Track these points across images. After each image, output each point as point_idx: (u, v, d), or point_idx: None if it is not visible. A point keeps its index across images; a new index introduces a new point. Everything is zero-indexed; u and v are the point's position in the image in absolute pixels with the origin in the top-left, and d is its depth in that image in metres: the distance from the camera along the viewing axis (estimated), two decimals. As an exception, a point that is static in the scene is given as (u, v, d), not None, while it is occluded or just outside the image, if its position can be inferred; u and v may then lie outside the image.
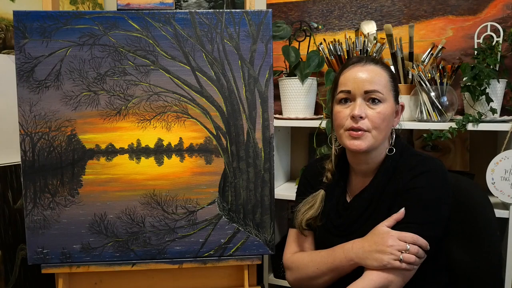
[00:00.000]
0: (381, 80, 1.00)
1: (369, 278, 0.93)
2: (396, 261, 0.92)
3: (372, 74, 1.00)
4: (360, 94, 0.99)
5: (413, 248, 0.93)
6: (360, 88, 0.99)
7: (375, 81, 0.99)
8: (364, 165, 1.06)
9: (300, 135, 1.97)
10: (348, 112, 1.00)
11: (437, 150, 1.72)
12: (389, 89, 1.02)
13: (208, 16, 1.26)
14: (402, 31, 1.73)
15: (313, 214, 1.08)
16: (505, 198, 1.36)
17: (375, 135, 0.99)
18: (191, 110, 1.28)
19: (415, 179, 0.98)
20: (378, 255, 0.94)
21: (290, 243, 1.16)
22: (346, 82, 1.02)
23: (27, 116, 1.24)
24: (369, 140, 0.99)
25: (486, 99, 1.43)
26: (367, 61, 1.03)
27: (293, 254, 1.14)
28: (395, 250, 0.93)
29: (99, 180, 1.28)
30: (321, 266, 1.04)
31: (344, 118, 1.01)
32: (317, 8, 1.89)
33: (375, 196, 1.02)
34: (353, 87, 1.00)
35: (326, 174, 1.12)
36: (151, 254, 1.30)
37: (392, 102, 1.02)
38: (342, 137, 1.02)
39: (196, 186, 1.30)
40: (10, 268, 1.62)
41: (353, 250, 0.98)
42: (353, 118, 0.99)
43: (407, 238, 0.93)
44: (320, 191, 1.11)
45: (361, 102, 0.99)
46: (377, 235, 0.96)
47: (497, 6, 1.64)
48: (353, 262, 0.98)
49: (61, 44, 1.24)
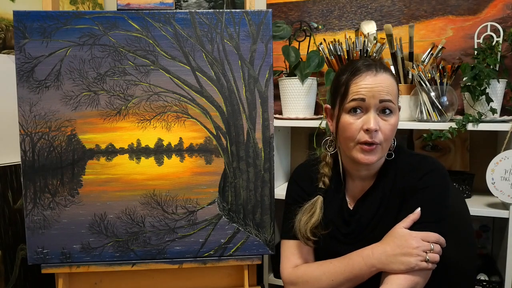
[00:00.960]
0: (393, 90, 0.97)
1: (396, 283, 0.90)
2: (423, 262, 0.90)
3: (386, 83, 0.96)
4: (374, 104, 0.94)
5: (437, 247, 0.92)
6: (375, 97, 0.94)
7: (389, 91, 0.95)
8: (364, 171, 1.03)
9: (300, 135, 1.97)
10: (360, 124, 0.95)
11: (437, 150, 1.72)
12: (397, 98, 0.99)
13: (208, 16, 1.26)
14: (402, 31, 1.73)
15: (316, 222, 1.02)
16: (505, 198, 1.36)
17: (385, 147, 0.97)
18: (191, 110, 1.28)
19: (425, 178, 0.97)
20: (405, 258, 0.91)
21: (288, 256, 1.09)
22: (359, 90, 0.95)
23: (27, 116, 1.24)
24: (379, 153, 0.96)
25: (486, 99, 1.43)
26: (378, 69, 0.97)
27: (296, 267, 1.06)
28: (421, 251, 0.91)
29: (99, 180, 1.28)
30: (337, 277, 0.98)
31: (357, 130, 0.95)
32: (317, 8, 1.89)
33: (383, 199, 1.00)
34: (368, 96, 0.94)
35: (323, 179, 1.07)
36: (151, 254, 1.30)
37: (397, 111, 0.99)
38: (351, 149, 0.97)
39: (196, 186, 1.30)
40: (10, 268, 1.62)
41: (374, 256, 0.94)
42: (367, 131, 0.94)
43: (430, 238, 0.92)
44: (318, 198, 1.05)
45: (375, 114, 0.95)
46: (399, 238, 0.93)
47: (497, 6, 1.64)
48: (375, 269, 0.94)
49: (61, 44, 1.24)
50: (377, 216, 1.01)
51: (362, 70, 0.97)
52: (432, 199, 0.96)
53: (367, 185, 1.04)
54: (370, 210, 1.01)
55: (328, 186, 1.07)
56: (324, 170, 1.08)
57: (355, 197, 1.06)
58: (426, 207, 0.96)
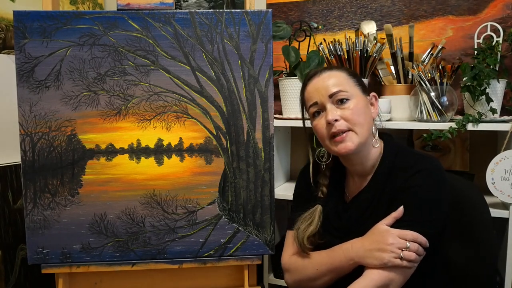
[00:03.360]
0: (340, 80, 1.03)
1: (370, 277, 0.93)
2: (397, 259, 0.92)
3: (329, 78, 1.04)
4: (326, 100, 1.02)
5: (413, 245, 0.93)
6: (324, 95, 1.02)
7: (334, 84, 1.02)
8: (359, 166, 1.06)
9: (300, 135, 1.97)
10: (324, 121, 1.03)
11: (437, 150, 1.72)
12: (352, 85, 1.04)
13: (208, 16, 1.26)
14: (402, 31, 1.73)
15: (313, 231, 1.08)
16: (505, 198, 1.36)
17: (359, 131, 1.01)
18: (191, 110, 1.28)
19: (412, 178, 0.98)
20: (379, 254, 0.94)
21: (288, 245, 1.16)
22: (310, 96, 1.06)
23: (27, 116, 1.24)
24: (354, 139, 1.00)
25: (486, 99, 1.43)
26: (322, 71, 1.06)
27: (291, 256, 1.14)
28: (395, 248, 0.93)
29: (99, 180, 1.27)
30: (321, 267, 1.04)
31: (323, 128, 1.03)
32: (317, 8, 1.89)
33: (374, 196, 1.03)
34: (317, 96, 1.04)
35: (322, 189, 1.13)
36: (151, 254, 1.30)
37: (361, 95, 1.04)
38: (329, 146, 1.04)
39: (196, 186, 1.30)
40: (10, 268, 1.62)
41: (353, 249, 0.98)
42: (329, 124, 1.01)
43: (407, 236, 0.94)
44: (317, 207, 1.11)
45: (331, 107, 1.02)
46: (376, 234, 0.96)
47: (497, 6, 1.64)
48: (353, 262, 0.98)
49: (61, 44, 1.24)
50: (367, 213, 1.03)
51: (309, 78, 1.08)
52: (417, 199, 0.97)
53: (365, 183, 1.06)
54: (361, 207, 1.04)
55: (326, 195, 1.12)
56: (322, 180, 1.14)
57: (353, 194, 1.09)
58: (409, 207, 0.97)
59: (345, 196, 1.11)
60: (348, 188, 1.11)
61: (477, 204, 1.13)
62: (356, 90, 1.04)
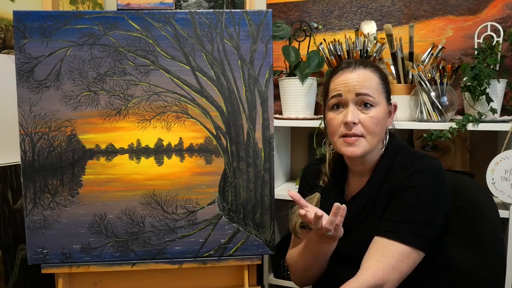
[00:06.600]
0: (372, 83, 1.00)
1: (362, 277, 0.92)
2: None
3: (362, 77, 1.00)
4: (351, 98, 0.99)
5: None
6: (351, 91, 0.99)
7: (365, 85, 0.99)
8: (360, 166, 1.06)
9: (300, 135, 1.97)
10: (341, 118, 1.00)
11: (437, 150, 1.72)
12: (381, 92, 1.02)
13: (208, 16, 1.26)
14: (402, 31, 1.73)
15: None
16: (505, 198, 1.36)
17: (370, 140, 0.99)
18: (191, 110, 1.28)
19: (410, 178, 0.97)
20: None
21: (292, 242, 1.18)
22: (336, 87, 1.01)
23: (27, 116, 1.24)
24: (364, 146, 0.99)
25: (486, 99, 1.43)
26: (356, 65, 1.02)
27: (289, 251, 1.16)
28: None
29: (99, 180, 1.27)
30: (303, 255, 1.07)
31: (338, 125, 1.01)
32: (317, 8, 1.89)
33: (371, 195, 1.02)
34: (344, 91, 1.00)
35: (323, 178, 1.13)
36: (151, 254, 1.30)
37: (385, 104, 1.02)
38: (337, 144, 1.02)
39: (196, 186, 1.30)
40: (10, 268, 1.62)
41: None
42: (346, 124, 0.99)
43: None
44: (315, 194, 1.11)
45: (353, 108, 0.99)
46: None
47: (497, 6, 1.64)
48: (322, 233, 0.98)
49: (61, 44, 1.24)
50: (364, 212, 1.03)
51: (341, 68, 1.04)
52: (415, 199, 0.96)
53: (364, 181, 1.06)
54: (359, 205, 1.04)
55: (327, 184, 1.12)
56: (325, 169, 1.13)
57: (353, 192, 1.08)
58: (407, 207, 0.96)
59: (345, 194, 1.11)
60: (348, 187, 1.11)
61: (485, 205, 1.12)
62: (382, 98, 1.02)
